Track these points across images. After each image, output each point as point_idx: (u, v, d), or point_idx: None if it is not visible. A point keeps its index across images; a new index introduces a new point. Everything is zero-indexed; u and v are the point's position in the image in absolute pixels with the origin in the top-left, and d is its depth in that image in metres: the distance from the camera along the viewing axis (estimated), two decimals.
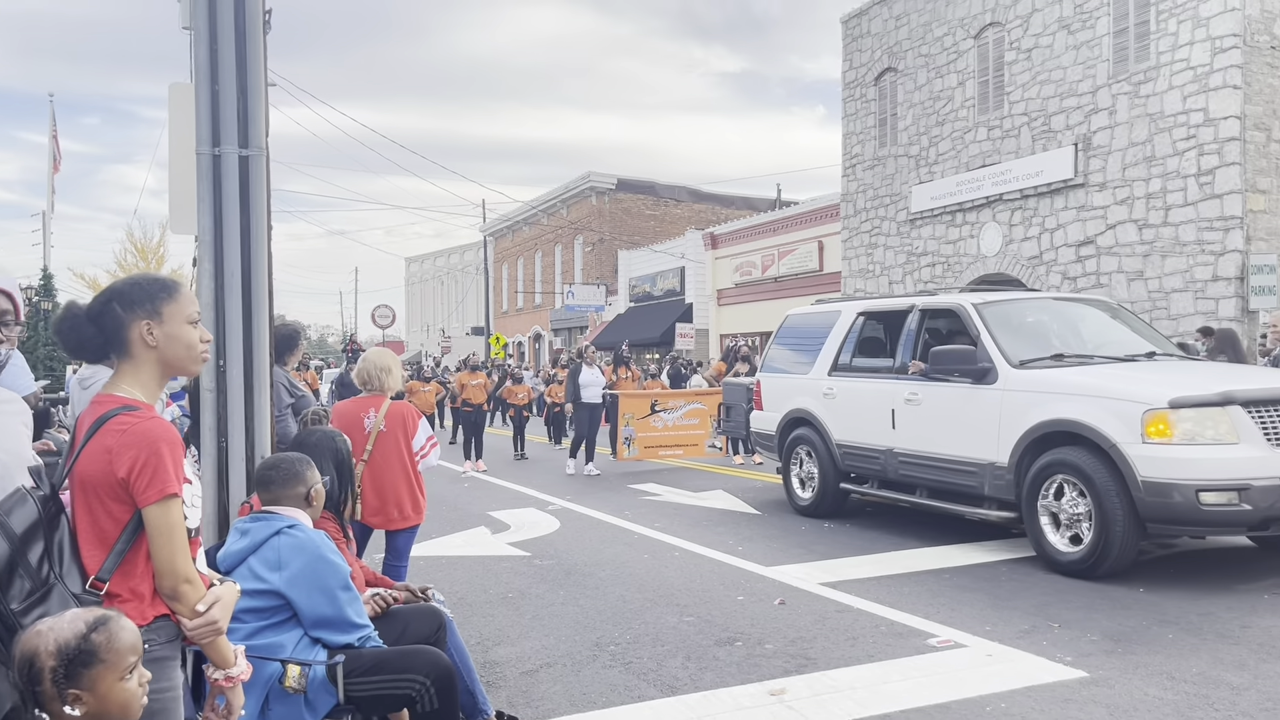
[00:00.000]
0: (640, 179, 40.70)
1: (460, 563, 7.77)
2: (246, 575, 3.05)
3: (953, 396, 7.77)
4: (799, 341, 10.20)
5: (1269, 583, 6.40)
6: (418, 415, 5.52)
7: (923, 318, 8.59)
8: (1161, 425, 6.17)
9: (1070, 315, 8.50)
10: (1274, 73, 14.35)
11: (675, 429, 14.26)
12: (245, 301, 3.98)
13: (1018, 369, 7.29)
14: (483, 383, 15.83)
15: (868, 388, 8.86)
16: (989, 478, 7.35)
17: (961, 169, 19.23)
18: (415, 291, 64.81)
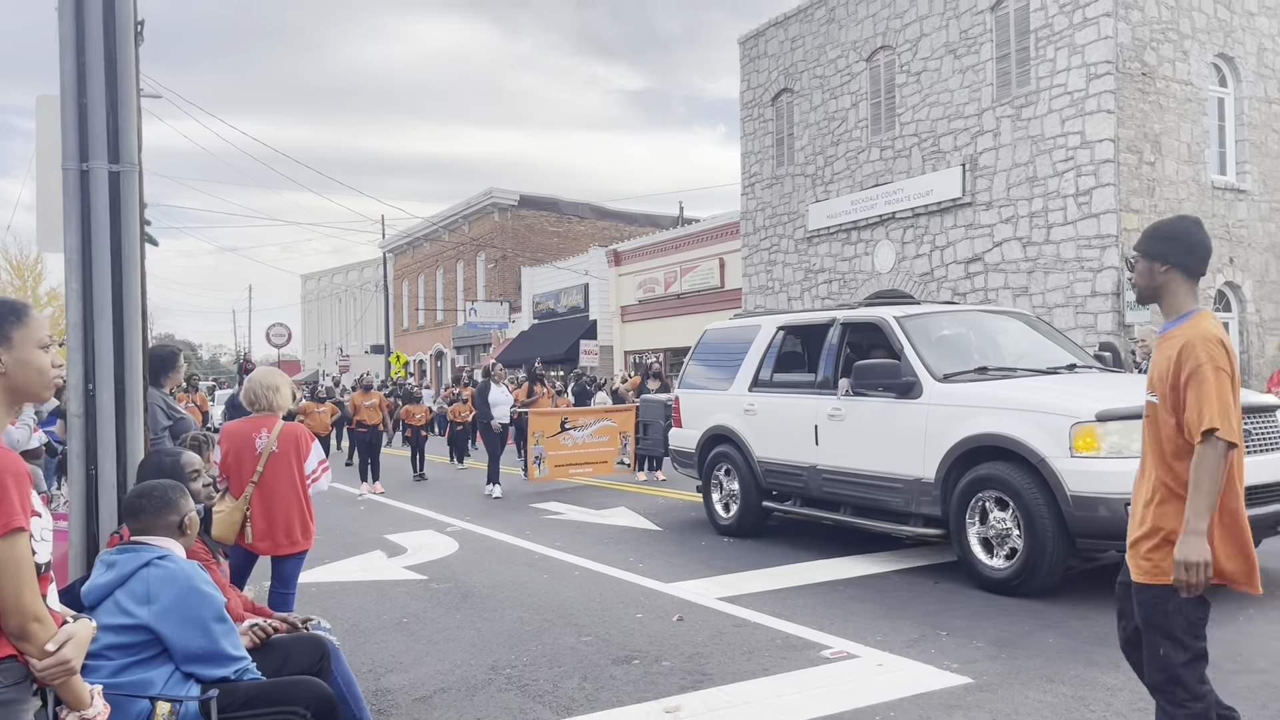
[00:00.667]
0: (543, 195, 40.63)
1: (354, 588, 7.58)
2: (113, 610, 2.91)
3: (877, 411, 7.63)
4: (718, 357, 9.99)
5: None
6: (311, 437, 5.37)
7: (844, 331, 8.44)
8: (1089, 438, 6.11)
9: (989, 327, 8.45)
10: (1145, 98, 15.11)
11: (585, 447, 14.08)
12: (116, 322, 3.82)
13: (942, 383, 7.19)
14: (378, 403, 15.47)
15: (790, 403, 8.68)
16: (915, 494, 7.22)
17: (856, 188, 19.72)
18: (312, 309, 63.34)
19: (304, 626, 3.84)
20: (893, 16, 18.86)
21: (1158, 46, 15.27)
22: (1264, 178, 16.50)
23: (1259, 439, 6.34)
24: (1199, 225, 3.14)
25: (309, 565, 8.08)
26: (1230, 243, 15.99)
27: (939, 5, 17.83)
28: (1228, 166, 16.39)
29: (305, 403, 16.92)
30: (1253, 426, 6.27)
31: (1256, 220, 16.36)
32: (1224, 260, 15.87)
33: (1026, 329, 8.56)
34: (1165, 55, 15.37)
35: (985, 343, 8.13)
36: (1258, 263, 16.31)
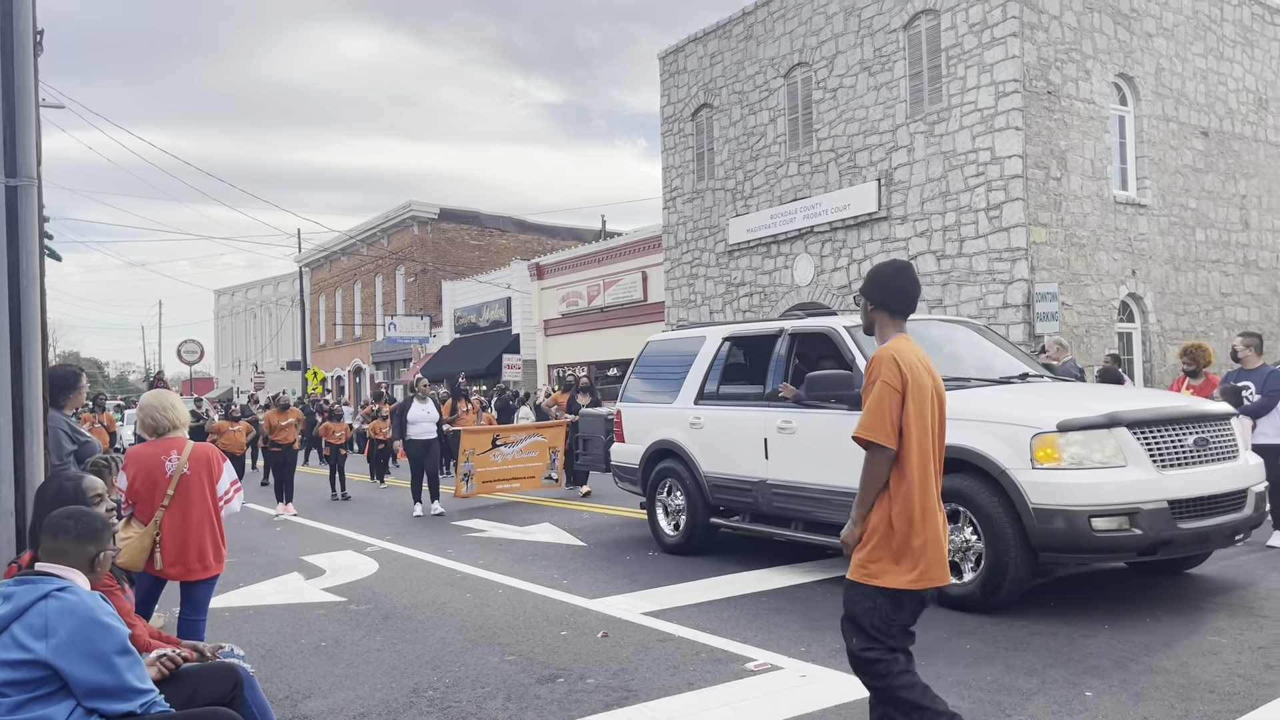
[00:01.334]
0: (464, 209, 40.32)
1: (269, 612, 7.38)
2: (9, 644, 2.78)
3: (829, 424, 7.37)
4: (661, 369, 9.69)
5: (1056, 593, 6.86)
6: (223, 458, 5.23)
7: (793, 342, 8.22)
8: (1050, 449, 5.98)
9: (938, 337, 8.21)
10: (1050, 116, 15.63)
11: (514, 462, 13.90)
12: (14, 343, 3.66)
13: None
14: (294, 421, 15.02)
15: (737, 416, 8.43)
16: None
17: (775, 202, 19.99)
18: (225, 325, 61.77)
19: (215, 655, 3.71)
20: (809, 34, 19.20)
21: (1062, 66, 15.82)
22: (1163, 193, 17.19)
23: (1216, 447, 6.32)
24: (903, 271, 3.67)
25: (223, 589, 7.88)
26: (1132, 255, 16.61)
27: (854, 23, 18.21)
28: (1129, 182, 17.02)
29: (219, 421, 16.47)
30: (1209, 435, 6.28)
31: (1157, 234, 17.02)
32: (1126, 273, 16.47)
33: (976, 338, 8.40)
34: (1069, 75, 15.92)
35: (935, 353, 8.00)
36: (1158, 275, 16.97)
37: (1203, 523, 6.05)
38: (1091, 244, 16.01)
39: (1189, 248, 17.60)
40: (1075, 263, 15.74)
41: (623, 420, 10.12)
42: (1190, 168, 17.74)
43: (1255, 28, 19.40)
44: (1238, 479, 6.34)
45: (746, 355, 9.16)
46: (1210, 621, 5.86)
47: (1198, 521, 6.03)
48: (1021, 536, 6.06)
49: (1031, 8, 15.43)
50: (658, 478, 9.36)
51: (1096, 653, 5.29)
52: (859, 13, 18.10)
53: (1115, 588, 6.96)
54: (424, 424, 13.51)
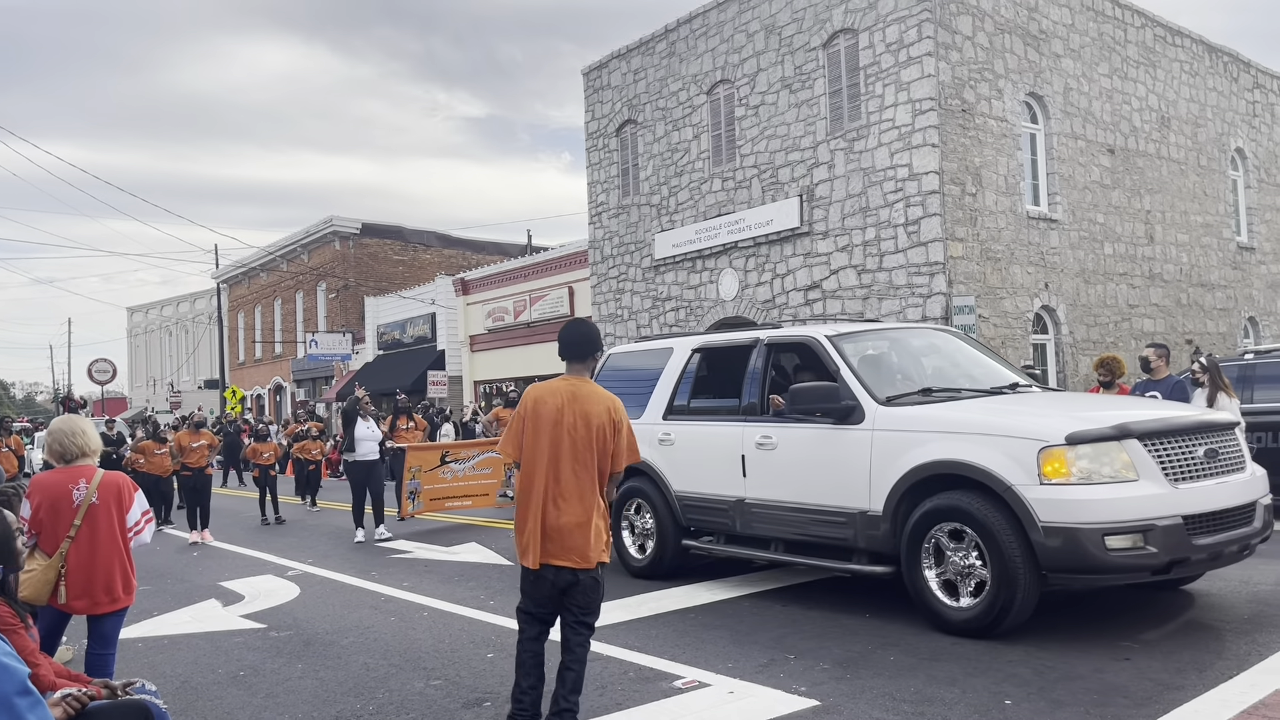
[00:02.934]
0: (387, 224, 39.81)
1: (184, 641, 7.15)
2: None
3: (812, 439, 6.96)
4: (625, 383, 9.06)
5: None
6: (134, 487, 5.05)
7: (769, 353, 7.80)
8: (1059, 463, 5.62)
9: (920, 346, 7.93)
10: (965, 133, 16.04)
11: (466, 479, 13.41)
12: None
13: (886, 406, 6.59)
14: (206, 443, 14.10)
15: (711, 432, 7.95)
16: (860, 528, 6.56)
17: (700, 218, 20.14)
18: (139, 343, 59.94)
19: (125, 691, 3.58)
20: (731, 51, 19.43)
21: (975, 85, 16.26)
22: (1073, 208, 17.75)
23: (1225, 459, 6.07)
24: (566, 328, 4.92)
25: (135, 619, 7.62)
26: (1045, 269, 17.11)
27: (774, 42, 18.48)
28: (1041, 198, 17.55)
29: (145, 442, 15.69)
30: (1219, 446, 6.06)
31: (1068, 248, 17.57)
32: (1040, 286, 16.96)
33: (960, 346, 8.03)
34: (982, 93, 16.37)
35: (920, 362, 7.64)
36: (1070, 287, 17.50)
37: (1216, 538, 5.75)
38: (1006, 258, 16.45)
39: (1098, 261, 18.20)
40: (991, 276, 16.16)
41: None
42: (1098, 184, 18.36)
43: (1157, 49, 20.20)
44: (1247, 491, 6.09)
45: (719, 367, 8.69)
46: (1124, 629, 6.03)
47: (1211, 537, 5.73)
48: (1029, 557, 5.66)
49: (946, 28, 15.84)
50: (623, 498, 8.80)
51: (1015, 661, 5.41)
52: (779, 31, 18.38)
53: None
54: (368, 443, 12.82)
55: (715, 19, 19.84)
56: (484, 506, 13.77)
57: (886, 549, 6.44)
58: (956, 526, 5.98)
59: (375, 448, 12.90)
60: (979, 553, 5.89)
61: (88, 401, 22.84)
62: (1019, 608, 5.73)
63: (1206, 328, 20.60)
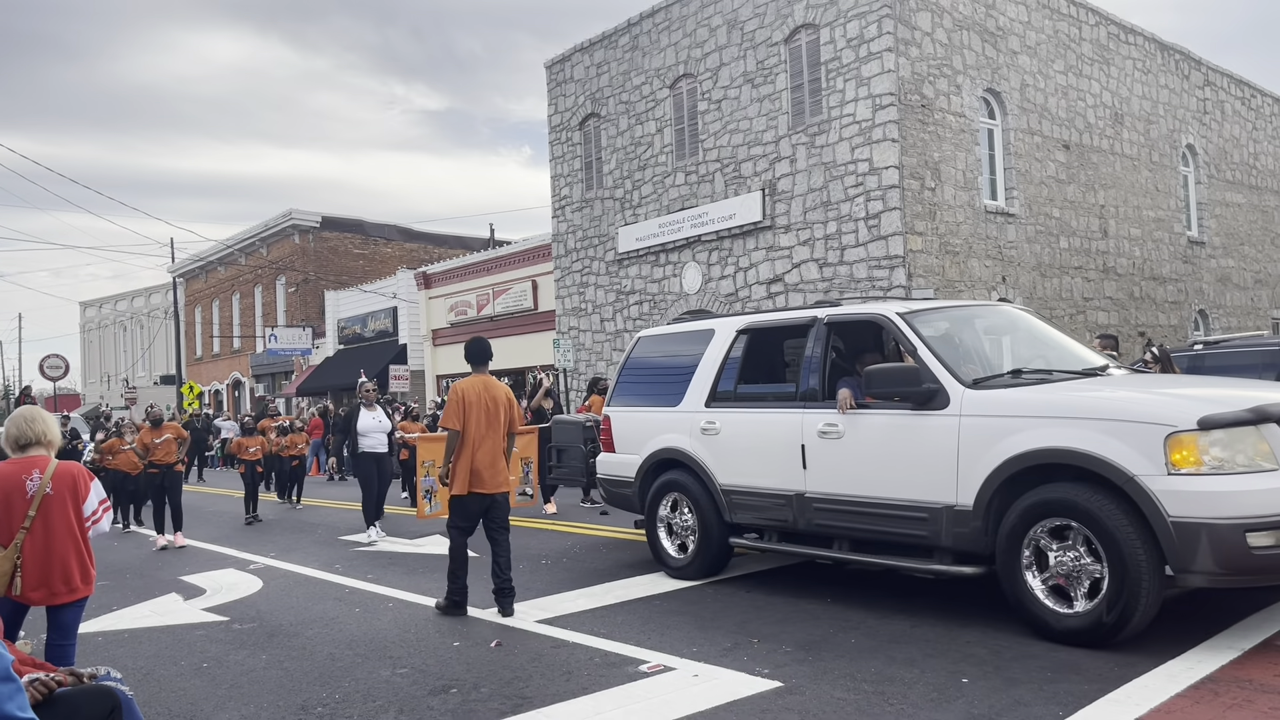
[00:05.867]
0: (347, 217, 39.43)
1: (146, 635, 7.10)
2: None
3: (886, 427, 6.34)
4: (659, 368, 8.51)
5: (934, 589, 7.11)
6: (90, 476, 4.99)
7: (829, 333, 7.11)
8: (1188, 451, 5.00)
9: (990, 324, 7.34)
10: (925, 128, 16.24)
11: None
12: None
13: (973, 389, 5.97)
14: (172, 436, 13.14)
15: (765, 420, 7.24)
16: (945, 525, 5.94)
17: (663, 211, 20.21)
18: (93, 339, 58.92)
19: (91, 679, 3.57)
20: (694, 45, 19.50)
21: (934, 80, 16.46)
22: (1029, 203, 18.04)
23: None
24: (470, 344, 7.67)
25: (94, 613, 7.56)
26: (1002, 262, 17.37)
27: (736, 36, 18.58)
28: (998, 192, 17.81)
29: (111, 439, 15.16)
30: None
31: (1024, 241, 17.85)
32: (997, 279, 17.22)
33: (1034, 324, 7.38)
34: (941, 89, 16.58)
35: (995, 342, 7.08)
36: (1026, 280, 17.79)
37: None
38: (964, 251, 16.68)
39: (1054, 255, 18.51)
40: (950, 270, 16.38)
41: (612, 427, 8.79)
42: (1054, 179, 18.67)
43: (1111, 46, 20.55)
44: None
45: (769, 349, 8.11)
46: None
47: None
48: (1154, 557, 5.09)
49: (905, 24, 16.02)
50: (660, 491, 8.14)
51: (973, 642, 5.53)
52: (741, 26, 18.47)
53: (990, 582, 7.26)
54: (376, 435, 11.87)
55: (678, 13, 19.89)
56: None
57: (977, 548, 5.84)
58: (1065, 523, 5.39)
59: (384, 439, 12.04)
60: (1092, 552, 5.30)
61: (37, 401, 22.39)
62: (1141, 614, 5.13)
63: (1158, 320, 21.03)
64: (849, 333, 7.44)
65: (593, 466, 9.39)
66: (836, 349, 7.31)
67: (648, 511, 8.26)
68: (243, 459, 15.27)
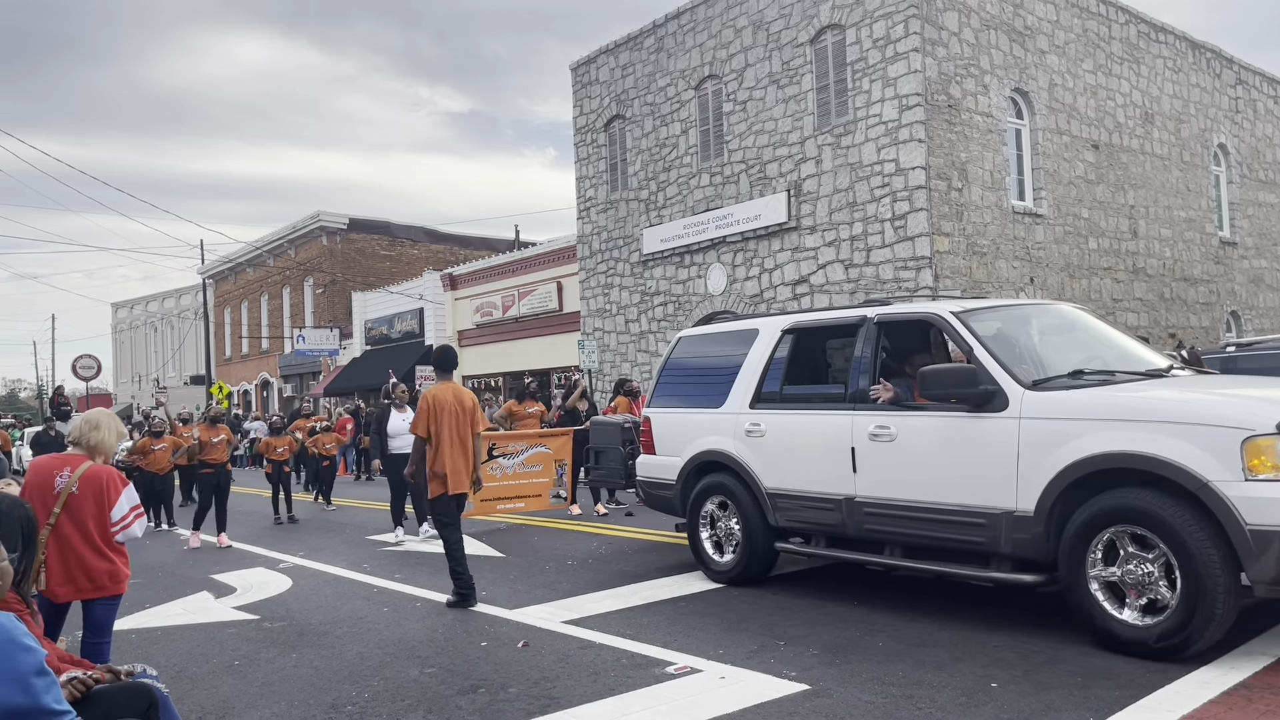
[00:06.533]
0: (374, 219, 39.72)
1: (178, 632, 7.19)
2: None
3: (941, 429, 6.15)
4: (700, 369, 8.37)
5: (962, 592, 7.08)
6: (122, 482, 4.97)
7: (879, 333, 6.94)
8: (1267, 456, 4.81)
9: (1046, 324, 7.13)
10: (951, 129, 16.16)
11: (516, 477, 12.14)
12: None
13: (1033, 391, 5.78)
14: (225, 438, 12.99)
15: (812, 422, 7.06)
16: (1005, 531, 5.74)
17: (688, 213, 20.21)
18: (124, 339, 59.63)
19: (128, 676, 3.63)
20: (719, 47, 19.50)
21: (961, 81, 16.38)
22: (1057, 203, 17.90)
23: None
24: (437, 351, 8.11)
25: (128, 610, 7.65)
26: (1030, 263, 17.25)
27: (762, 37, 18.56)
28: (1026, 193, 17.69)
29: (144, 439, 15.13)
30: None
31: (1052, 242, 17.72)
32: (1025, 280, 17.10)
33: (1091, 323, 7.18)
34: (968, 89, 16.49)
35: (1051, 342, 6.85)
36: (1054, 281, 17.65)
37: None
38: (992, 252, 16.58)
39: (1082, 255, 18.36)
40: (977, 271, 16.29)
41: (653, 429, 8.64)
42: (1082, 179, 18.52)
43: (1141, 45, 20.36)
44: None
45: (816, 349, 7.93)
46: None
47: None
48: (1230, 566, 4.88)
49: (932, 24, 15.95)
50: (703, 494, 7.98)
51: (1001, 646, 5.50)
52: (767, 27, 18.45)
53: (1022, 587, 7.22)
54: (406, 436, 11.66)
55: (703, 14, 19.90)
56: (538, 509, 12.46)
57: (1038, 554, 5.64)
58: (1134, 530, 5.18)
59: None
60: (1164, 561, 5.09)
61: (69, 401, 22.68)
62: (1216, 625, 4.93)
63: (1190, 322, 20.81)
64: (899, 333, 7.26)
65: (632, 469, 9.27)
66: (885, 349, 7.10)
67: (689, 515, 8.12)
68: (271, 459, 15.25)
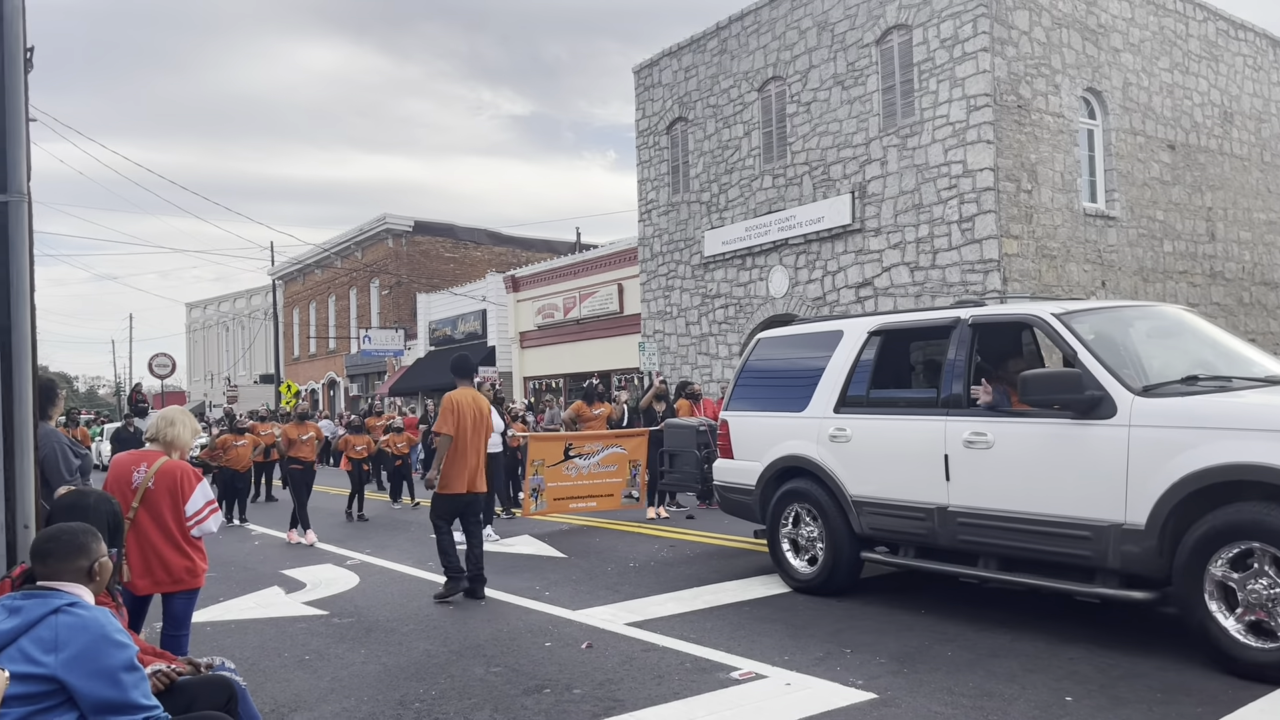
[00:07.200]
0: (438, 221, 40.25)
1: (251, 626, 7.35)
2: (16, 657, 2.78)
3: (1042, 437, 5.89)
4: (781, 371, 8.19)
5: (1035, 602, 6.95)
6: (197, 477, 5.12)
7: (974, 335, 6.66)
8: None
9: (1152, 327, 6.85)
10: (1021, 129, 15.87)
11: (590, 477, 12.27)
12: (5, 359, 3.66)
13: (1144, 397, 5.49)
14: (313, 435, 13.13)
15: (902, 427, 6.83)
16: (1114, 544, 5.45)
17: (750, 215, 20.13)
18: (197, 338, 61.22)
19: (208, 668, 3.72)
20: (783, 48, 19.39)
21: (1032, 80, 16.07)
22: (1131, 205, 17.48)
23: None
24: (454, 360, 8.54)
25: (203, 604, 7.82)
26: (1102, 267, 16.87)
27: (826, 38, 18.42)
28: (1098, 194, 17.30)
29: (224, 435, 15.29)
30: None
31: (1125, 245, 17.30)
32: (1096, 284, 16.72)
33: (1200, 326, 6.86)
34: (1039, 89, 16.18)
35: (1159, 346, 6.56)
36: (1127, 285, 17.23)
37: None
38: (1062, 255, 16.25)
39: (1157, 259, 17.90)
40: (1046, 274, 15.97)
41: (730, 432, 8.46)
42: (1158, 180, 18.05)
43: (1220, 43, 19.79)
44: None
45: (905, 352, 7.72)
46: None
47: None
48: None
49: (1002, 23, 15.68)
50: (784, 501, 7.75)
51: (1077, 659, 5.39)
52: (831, 28, 18.31)
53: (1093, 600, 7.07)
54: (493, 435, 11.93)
55: (767, 16, 19.81)
56: (609, 508, 12.51)
57: (1148, 570, 5.36)
58: (1258, 547, 4.88)
59: (498, 439, 11.92)
60: None
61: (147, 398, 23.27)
62: None
63: (1270, 327, 20.16)
64: (993, 335, 7.03)
65: (708, 472, 9.15)
66: (979, 352, 6.84)
67: (770, 522, 7.89)
68: (350, 456, 15.22)
